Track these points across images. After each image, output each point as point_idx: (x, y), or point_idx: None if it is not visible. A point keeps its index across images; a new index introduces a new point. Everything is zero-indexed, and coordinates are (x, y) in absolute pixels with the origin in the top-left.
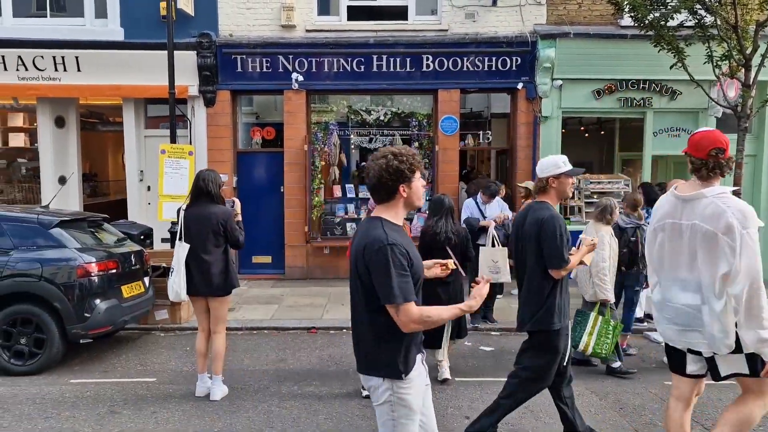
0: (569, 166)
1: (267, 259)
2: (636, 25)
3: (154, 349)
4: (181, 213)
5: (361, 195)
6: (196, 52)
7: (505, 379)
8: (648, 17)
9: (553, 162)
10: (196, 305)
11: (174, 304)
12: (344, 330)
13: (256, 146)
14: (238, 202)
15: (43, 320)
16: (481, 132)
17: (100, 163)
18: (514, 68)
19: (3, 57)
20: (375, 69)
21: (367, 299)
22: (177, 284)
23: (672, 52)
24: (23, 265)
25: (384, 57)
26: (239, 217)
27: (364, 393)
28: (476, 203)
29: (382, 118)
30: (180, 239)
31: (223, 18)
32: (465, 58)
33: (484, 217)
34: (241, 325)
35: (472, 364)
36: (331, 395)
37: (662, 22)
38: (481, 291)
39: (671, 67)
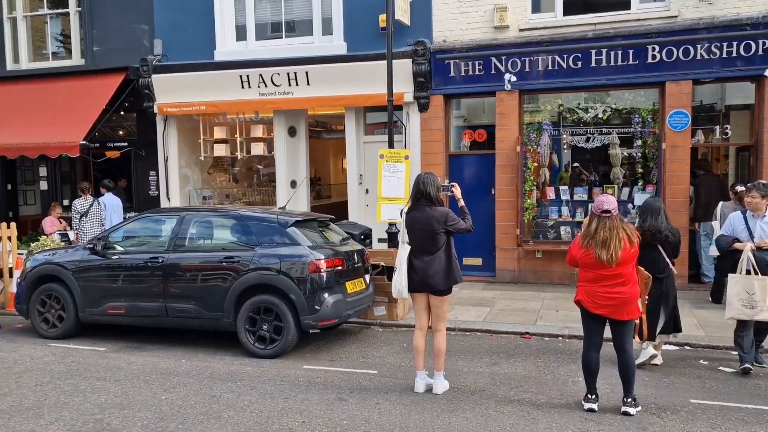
0: None
1: (477, 261)
2: None
3: (374, 343)
4: (403, 215)
5: (576, 197)
6: (411, 59)
7: (751, 407)
8: None
9: None
10: (417, 303)
11: (391, 301)
12: (560, 338)
13: (464, 149)
14: (457, 186)
15: (281, 310)
16: (716, 127)
17: (323, 168)
18: (760, 53)
19: (248, 76)
20: (593, 64)
21: None
22: (399, 282)
23: None
24: (265, 260)
25: (603, 51)
26: (462, 202)
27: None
28: (744, 217)
29: (600, 115)
30: (403, 240)
31: (436, 24)
32: (698, 46)
33: (751, 237)
34: (454, 326)
35: (710, 386)
36: (550, 405)
37: None
38: None
39: None
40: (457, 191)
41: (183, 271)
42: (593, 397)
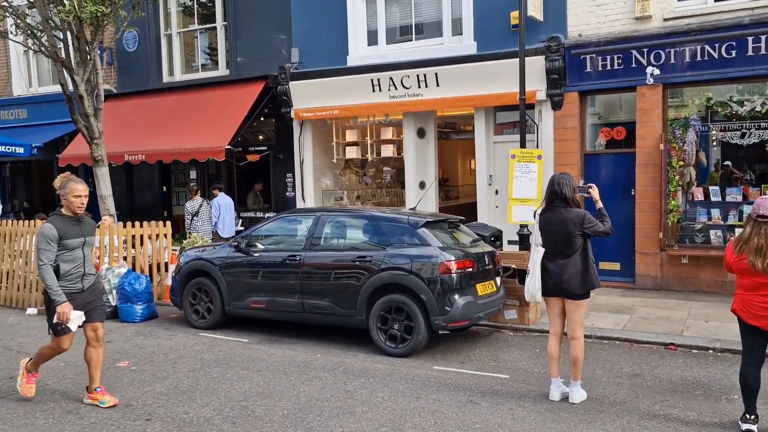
0: None
1: (615, 265)
2: None
3: (505, 347)
4: (536, 217)
5: (728, 198)
6: (544, 56)
7: None
8: None
9: None
10: (552, 308)
11: (522, 304)
12: (710, 351)
13: (599, 147)
14: (594, 187)
15: (411, 309)
16: None
17: (451, 169)
18: None
19: (379, 80)
20: (749, 53)
21: None
22: (532, 286)
23: None
24: (396, 260)
25: (762, 38)
26: (600, 204)
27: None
28: None
29: (758, 108)
30: (536, 243)
31: (571, 19)
32: None
33: None
34: (590, 333)
35: None
36: (701, 423)
37: None
38: None
39: None
40: (595, 192)
41: (318, 269)
42: (752, 417)
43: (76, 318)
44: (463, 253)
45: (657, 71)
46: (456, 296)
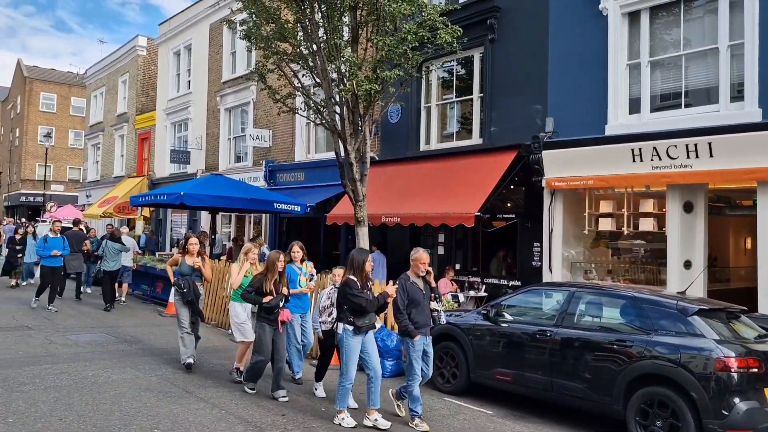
0: None
1: None
2: None
3: None
4: None
5: None
6: None
7: None
8: None
9: None
10: None
11: None
12: None
13: None
14: None
15: (679, 407)
16: None
17: (720, 247)
18: None
19: (640, 150)
20: None
21: None
22: None
23: None
24: (662, 349)
25: None
26: None
27: None
28: None
29: None
30: None
31: None
32: None
33: None
34: None
35: None
36: None
37: None
38: None
39: None
40: None
41: (570, 347)
42: None
43: None
44: (746, 349)
45: None
46: (736, 399)
